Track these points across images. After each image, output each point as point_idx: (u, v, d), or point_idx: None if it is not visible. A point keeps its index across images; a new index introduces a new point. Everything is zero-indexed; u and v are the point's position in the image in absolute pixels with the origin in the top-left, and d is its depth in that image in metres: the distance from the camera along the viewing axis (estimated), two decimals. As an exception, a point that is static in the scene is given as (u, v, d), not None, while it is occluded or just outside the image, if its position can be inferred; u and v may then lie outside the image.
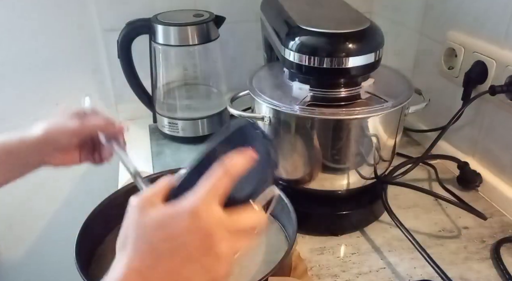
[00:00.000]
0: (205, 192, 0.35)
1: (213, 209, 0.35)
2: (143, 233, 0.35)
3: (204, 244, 0.35)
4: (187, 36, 0.85)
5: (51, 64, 0.96)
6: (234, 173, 0.36)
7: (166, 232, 0.35)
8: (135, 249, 0.35)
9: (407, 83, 0.66)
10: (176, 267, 0.35)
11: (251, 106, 0.68)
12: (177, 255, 0.35)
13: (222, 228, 0.35)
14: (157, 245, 0.35)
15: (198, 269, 0.35)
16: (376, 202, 0.69)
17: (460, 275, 0.60)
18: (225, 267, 0.36)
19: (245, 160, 0.37)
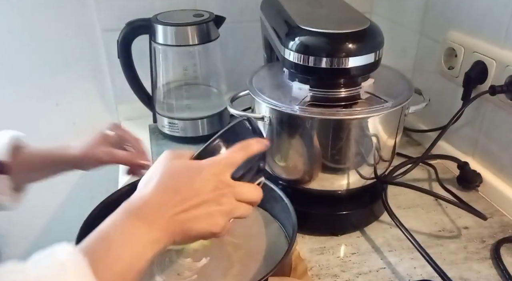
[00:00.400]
0: (225, 158, 0.45)
1: (227, 174, 0.44)
2: (170, 173, 0.43)
3: (214, 200, 0.43)
4: (187, 36, 0.85)
5: (51, 64, 0.96)
6: (250, 151, 0.45)
7: (188, 177, 0.43)
8: (159, 184, 0.42)
9: (407, 83, 0.66)
10: (187, 207, 0.42)
11: (251, 106, 0.68)
12: (193, 199, 0.42)
13: (231, 192, 0.44)
14: (179, 185, 0.42)
15: (203, 216, 0.42)
16: (376, 202, 0.69)
17: (460, 275, 0.60)
18: (222, 219, 0.44)
19: (260, 144, 0.47)
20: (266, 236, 0.62)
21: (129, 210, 0.41)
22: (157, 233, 0.41)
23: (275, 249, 0.58)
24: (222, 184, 0.43)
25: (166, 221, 0.41)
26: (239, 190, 0.44)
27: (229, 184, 0.44)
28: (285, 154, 0.65)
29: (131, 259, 0.39)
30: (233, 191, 0.44)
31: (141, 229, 0.40)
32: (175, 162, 0.45)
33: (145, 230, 0.40)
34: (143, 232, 0.40)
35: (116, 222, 0.41)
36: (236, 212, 0.45)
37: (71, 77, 0.99)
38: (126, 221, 0.40)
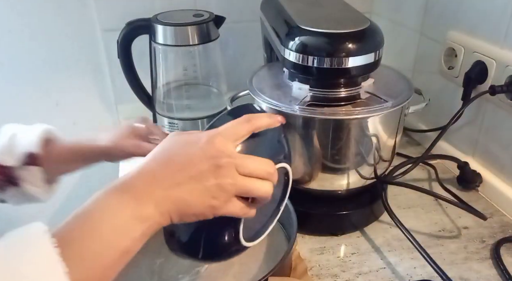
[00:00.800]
0: (225, 128, 0.41)
1: (227, 143, 0.40)
2: (165, 146, 0.41)
3: (211, 170, 0.39)
4: (187, 36, 0.85)
5: (51, 64, 0.96)
6: (256, 123, 0.42)
7: (183, 148, 0.40)
8: (154, 156, 0.40)
9: (407, 83, 0.66)
10: (181, 180, 0.38)
11: (251, 106, 0.68)
12: (186, 169, 0.38)
13: (231, 164, 0.39)
14: (173, 156, 0.40)
15: (200, 189, 0.38)
16: (376, 202, 0.69)
17: (460, 275, 0.60)
18: (224, 198, 0.39)
19: (270, 118, 0.44)
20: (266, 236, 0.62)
21: (115, 185, 0.38)
22: (147, 208, 0.37)
23: (275, 249, 0.58)
24: (221, 153, 0.39)
25: (158, 195, 0.37)
26: (241, 162, 0.39)
27: (229, 155, 0.39)
28: (285, 154, 0.65)
29: (111, 235, 0.35)
30: (234, 163, 0.39)
31: (126, 204, 0.36)
32: (174, 136, 0.42)
33: (131, 204, 0.36)
34: (129, 206, 0.36)
35: (99, 198, 0.37)
36: (242, 187, 0.39)
37: (71, 77, 0.99)
38: (110, 195, 0.37)
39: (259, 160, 0.41)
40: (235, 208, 0.40)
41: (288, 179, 0.47)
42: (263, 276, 0.48)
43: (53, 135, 0.63)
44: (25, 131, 0.60)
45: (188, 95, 0.95)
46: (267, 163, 0.41)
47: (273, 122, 0.44)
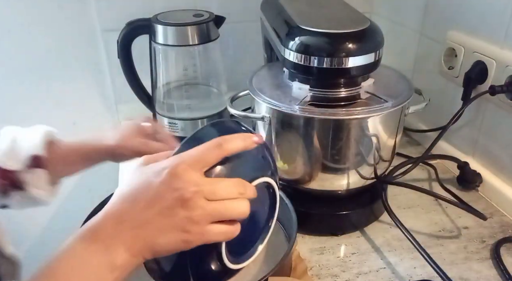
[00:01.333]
0: (191, 156, 0.38)
1: (191, 173, 0.37)
2: (131, 181, 0.39)
3: (177, 204, 0.36)
4: (187, 36, 0.85)
5: (51, 64, 0.96)
6: (228, 149, 0.39)
7: (146, 183, 0.38)
8: (120, 193, 0.39)
9: (407, 83, 0.66)
10: (149, 217, 0.37)
11: (251, 106, 0.68)
12: (152, 206, 0.37)
13: (199, 193, 0.37)
14: (137, 193, 0.38)
15: (169, 225, 0.37)
16: (376, 202, 0.69)
17: (460, 275, 0.60)
18: (197, 230, 0.37)
19: (244, 141, 0.40)
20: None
21: (83, 232, 0.37)
22: (117, 255, 0.36)
23: (275, 249, 0.58)
24: (186, 184, 0.36)
25: (127, 238, 0.36)
26: (210, 189, 0.37)
27: (196, 184, 0.37)
28: (285, 154, 0.65)
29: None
30: (201, 191, 0.37)
31: (95, 253, 0.36)
32: (140, 169, 0.40)
33: (100, 253, 0.36)
34: (98, 255, 0.35)
35: (68, 248, 0.36)
36: (213, 214, 0.37)
37: (71, 77, 0.99)
38: (79, 245, 0.36)
39: (229, 182, 0.39)
40: (212, 236, 0.38)
41: (274, 193, 0.45)
42: (263, 276, 0.48)
43: (54, 136, 0.62)
44: (26, 134, 0.59)
45: (188, 95, 0.95)
46: (238, 182, 0.39)
47: (248, 144, 0.40)
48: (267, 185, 0.44)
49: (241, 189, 0.39)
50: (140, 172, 0.40)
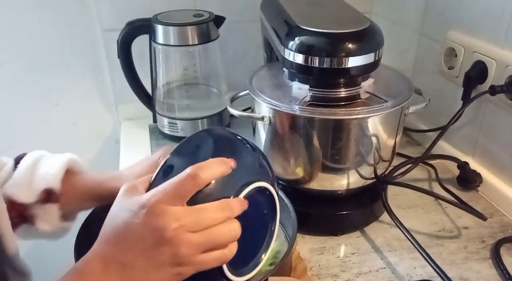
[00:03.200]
0: (166, 192, 0.36)
1: (170, 209, 0.36)
2: (113, 219, 0.38)
3: (160, 244, 0.35)
4: (187, 36, 0.85)
5: (51, 64, 0.96)
6: (205, 179, 0.37)
7: (126, 222, 0.37)
8: (103, 233, 0.38)
9: (407, 83, 0.66)
10: (133, 259, 0.36)
11: (251, 106, 0.68)
12: (133, 248, 0.36)
13: (181, 229, 0.35)
14: (118, 234, 0.37)
15: (156, 265, 0.36)
16: (376, 202, 0.69)
17: (460, 275, 0.60)
18: (188, 261, 0.36)
19: (222, 166, 0.38)
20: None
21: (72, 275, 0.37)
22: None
23: (275, 249, 0.58)
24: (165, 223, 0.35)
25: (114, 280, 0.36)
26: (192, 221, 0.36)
27: (176, 219, 0.35)
28: (285, 154, 0.65)
29: None
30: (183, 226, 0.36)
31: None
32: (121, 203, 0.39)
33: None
34: None
35: None
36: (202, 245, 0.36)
37: (71, 77, 0.99)
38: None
39: (212, 207, 0.37)
40: (206, 264, 0.37)
41: (272, 197, 0.44)
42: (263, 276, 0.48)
43: (76, 167, 0.57)
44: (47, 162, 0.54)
45: (188, 95, 0.96)
46: (222, 204, 0.37)
47: (226, 169, 0.39)
48: (263, 190, 0.42)
49: (227, 210, 0.37)
50: (120, 206, 0.39)
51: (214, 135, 0.44)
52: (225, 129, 0.45)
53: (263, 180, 0.42)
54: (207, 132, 0.44)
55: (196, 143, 0.42)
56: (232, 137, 0.44)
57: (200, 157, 0.39)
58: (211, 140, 0.43)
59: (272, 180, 0.43)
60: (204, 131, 0.44)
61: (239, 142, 0.43)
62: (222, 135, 0.44)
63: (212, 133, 0.44)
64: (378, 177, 0.67)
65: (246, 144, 0.44)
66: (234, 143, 0.43)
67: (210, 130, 0.45)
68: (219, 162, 0.38)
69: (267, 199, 0.44)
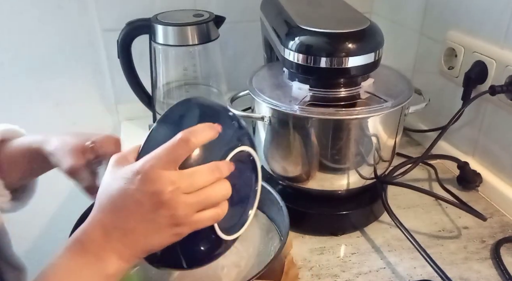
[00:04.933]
0: (159, 157, 0.38)
1: (164, 174, 0.37)
2: (107, 190, 0.39)
3: (157, 207, 0.37)
4: (187, 36, 0.85)
5: (51, 64, 0.96)
6: (196, 143, 0.39)
7: (121, 190, 0.38)
8: (100, 203, 0.39)
9: (407, 83, 0.66)
10: (133, 225, 0.37)
11: (251, 106, 0.68)
12: (133, 213, 0.37)
13: (176, 191, 0.37)
14: (115, 202, 0.38)
15: (155, 228, 0.37)
16: (376, 202, 0.69)
17: (460, 275, 0.60)
18: (185, 221, 0.38)
19: (210, 130, 0.40)
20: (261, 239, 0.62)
21: (71, 247, 0.38)
22: (110, 264, 0.37)
23: (268, 252, 0.58)
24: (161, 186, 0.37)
25: (116, 247, 0.37)
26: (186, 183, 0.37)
27: (171, 183, 0.37)
28: (285, 154, 0.65)
29: None
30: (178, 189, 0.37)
31: (89, 265, 0.37)
32: (113, 173, 0.40)
33: (94, 264, 0.37)
34: (92, 267, 0.37)
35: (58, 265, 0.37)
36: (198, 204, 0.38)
37: (71, 77, 0.99)
38: (71, 258, 0.37)
39: (203, 169, 0.39)
40: (202, 223, 0.39)
41: (253, 159, 0.46)
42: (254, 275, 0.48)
43: (12, 135, 0.58)
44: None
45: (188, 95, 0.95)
46: (212, 167, 0.39)
47: (214, 133, 0.40)
48: (246, 153, 0.45)
49: (216, 172, 0.39)
50: (113, 176, 0.39)
51: (198, 104, 0.46)
52: (204, 98, 0.47)
53: (245, 144, 0.44)
54: (190, 101, 0.46)
55: (180, 112, 0.44)
56: (213, 105, 0.46)
57: (186, 125, 0.41)
58: (196, 109, 0.45)
59: (252, 144, 0.46)
60: (185, 101, 0.45)
61: (220, 110, 0.45)
62: (205, 104, 0.46)
63: (196, 102, 0.46)
64: (378, 177, 0.67)
65: (227, 112, 0.45)
66: (215, 111, 0.45)
67: (191, 100, 0.46)
68: (207, 127, 0.40)
69: (250, 162, 0.46)
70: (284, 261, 0.57)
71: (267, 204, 0.64)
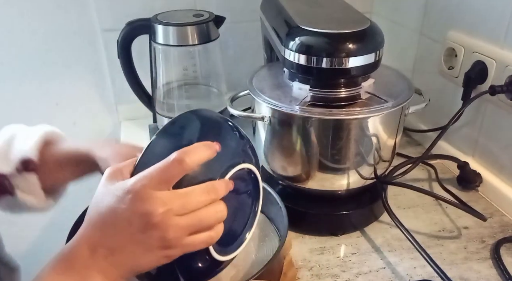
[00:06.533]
0: (151, 177, 0.36)
1: (156, 194, 0.36)
2: (97, 205, 0.38)
3: (148, 228, 0.36)
4: (187, 36, 0.85)
5: (51, 64, 0.96)
6: (191, 164, 0.37)
7: (112, 207, 0.37)
8: (89, 219, 0.38)
9: (407, 83, 0.66)
10: (121, 244, 0.36)
11: (251, 106, 0.68)
12: (121, 232, 0.36)
13: (168, 213, 0.36)
14: (105, 218, 0.37)
15: (144, 248, 0.36)
16: (376, 202, 0.69)
17: (460, 275, 0.60)
18: (176, 244, 0.37)
19: (208, 150, 0.38)
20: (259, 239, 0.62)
21: (56, 264, 0.37)
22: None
23: (267, 253, 0.58)
24: (152, 208, 0.35)
25: (102, 265, 0.36)
26: (179, 205, 0.36)
27: (163, 204, 0.36)
28: (285, 154, 0.65)
29: None
30: (170, 210, 0.36)
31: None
32: (106, 187, 0.39)
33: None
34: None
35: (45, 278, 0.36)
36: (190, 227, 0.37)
37: (71, 77, 0.99)
38: (56, 276, 0.36)
39: (198, 190, 0.37)
40: (194, 245, 0.38)
41: (255, 177, 0.44)
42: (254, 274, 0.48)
43: (55, 137, 0.58)
44: (24, 135, 0.56)
45: (188, 95, 0.95)
46: (208, 187, 0.38)
47: (211, 153, 0.38)
48: (247, 171, 0.43)
49: (212, 193, 0.38)
50: (105, 190, 0.38)
51: (199, 117, 0.44)
52: (210, 111, 0.45)
53: (247, 162, 0.42)
54: (192, 113, 0.44)
55: (181, 124, 0.42)
56: (217, 119, 0.44)
57: (185, 139, 0.40)
58: (196, 122, 0.43)
59: (256, 162, 0.44)
60: (189, 112, 0.43)
61: (223, 124, 0.44)
62: (207, 117, 0.44)
63: (198, 115, 0.44)
64: (378, 177, 0.67)
65: (230, 126, 0.44)
66: (219, 125, 0.43)
67: (196, 111, 0.44)
68: (204, 147, 0.38)
69: (251, 180, 0.45)
70: (283, 262, 0.57)
71: (267, 205, 0.64)
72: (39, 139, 0.56)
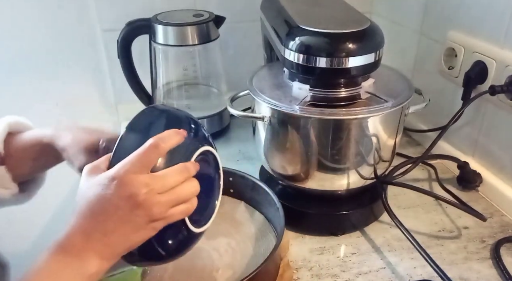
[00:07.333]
0: (132, 163, 0.41)
1: (138, 178, 0.40)
2: (84, 196, 0.41)
3: (134, 209, 0.40)
4: (187, 36, 0.85)
5: (51, 64, 0.96)
6: (165, 148, 0.43)
7: (99, 197, 0.40)
8: (79, 210, 0.41)
9: (407, 83, 0.66)
10: (113, 226, 0.40)
11: (251, 106, 0.68)
12: (112, 216, 0.40)
13: (151, 193, 0.40)
14: (94, 207, 0.41)
15: (133, 227, 0.40)
16: (376, 202, 0.69)
17: (460, 275, 0.60)
18: (162, 217, 0.41)
19: (177, 135, 0.44)
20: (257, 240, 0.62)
21: (52, 250, 0.39)
22: (92, 264, 0.39)
23: (264, 254, 0.58)
24: (136, 190, 0.40)
25: (97, 248, 0.40)
26: (159, 185, 0.41)
27: (145, 185, 0.40)
28: (285, 154, 0.65)
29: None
30: (153, 190, 0.40)
31: (69, 264, 0.39)
32: (88, 181, 0.42)
33: (74, 264, 0.39)
34: (71, 266, 0.39)
35: (40, 265, 0.39)
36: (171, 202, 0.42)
37: (71, 77, 0.99)
38: (50, 260, 0.39)
39: (173, 171, 0.43)
40: (175, 217, 0.43)
41: (215, 157, 0.51)
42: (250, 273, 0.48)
43: (20, 127, 0.58)
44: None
45: (188, 95, 0.96)
46: (181, 168, 0.43)
47: (180, 138, 0.44)
48: (207, 152, 0.49)
49: (185, 172, 0.43)
50: (89, 184, 0.42)
51: (160, 112, 0.50)
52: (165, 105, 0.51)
53: (206, 144, 0.49)
54: (152, 110, 0.50)
55: (147, 120, 0.48)
56: (175, 111, 0.51)
57: (153, 132, 0.44)
58: (159, 116, 0.49)
59: (211, 143, 0.51)
60: (148, 109, 0.49)
61: (183, 115, 0.50)
62: (166, 110, 0.51)
63: (158, 109, 0.51)
64: (378, 177, 0.67)
65: (186, 116, 0.50)
66: (178, 116, 0.49)
67: (154, 108, 0.52)
68: (174, 133, 0.44)
69: (212, 159, 0.51)
70: (280, 264, 0.57)
71: (265, 205, 0.64)
72: (2, 131, 0.56)
